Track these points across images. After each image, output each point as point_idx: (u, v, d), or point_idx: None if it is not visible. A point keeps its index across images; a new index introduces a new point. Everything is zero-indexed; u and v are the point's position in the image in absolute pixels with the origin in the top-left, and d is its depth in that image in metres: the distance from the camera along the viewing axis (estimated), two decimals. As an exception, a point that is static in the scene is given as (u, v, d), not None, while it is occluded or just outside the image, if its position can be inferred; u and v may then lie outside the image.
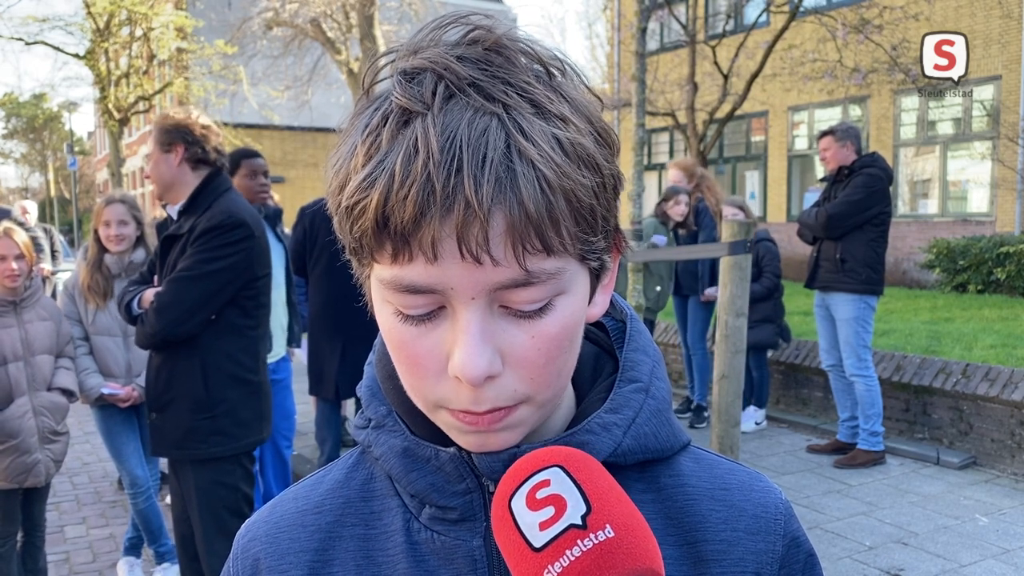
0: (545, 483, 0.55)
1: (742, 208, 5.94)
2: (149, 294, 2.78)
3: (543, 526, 0.53)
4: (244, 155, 4.22)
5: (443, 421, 0.60)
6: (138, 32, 17.34)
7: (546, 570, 0.52)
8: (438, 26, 0.58)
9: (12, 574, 3.33)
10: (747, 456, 5.40)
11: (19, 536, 3.45)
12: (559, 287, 0.56)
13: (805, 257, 5.64)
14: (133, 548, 3.96)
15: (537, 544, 0.52)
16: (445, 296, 0.55)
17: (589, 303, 0.62)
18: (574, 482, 0.54)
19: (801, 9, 11.11)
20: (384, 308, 0.59)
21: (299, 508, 0.70)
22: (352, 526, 0.68)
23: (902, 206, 12.85)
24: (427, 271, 0.54)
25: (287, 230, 4.96)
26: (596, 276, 0.62)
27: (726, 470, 0.70)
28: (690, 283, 6.28)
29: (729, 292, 3.74)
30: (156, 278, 2.89)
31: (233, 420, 2.75)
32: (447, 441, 0.63)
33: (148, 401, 2.84)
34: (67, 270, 8.28)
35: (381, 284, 0.57)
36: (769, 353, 6.59)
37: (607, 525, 0.52)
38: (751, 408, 6.08)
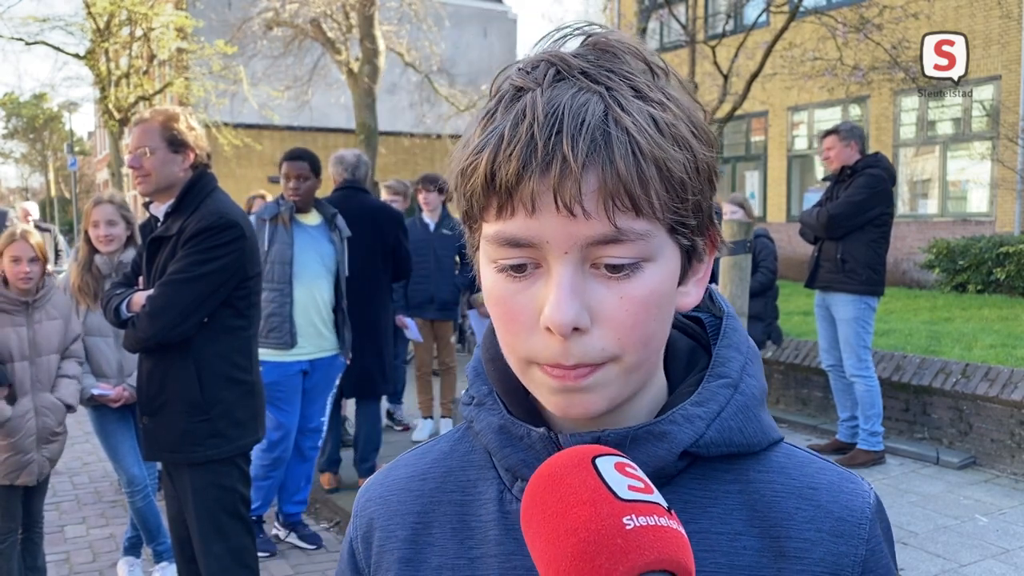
0: (632, 466, 0.57)
1: (742, 205, 5.92)
2: (139, 297, 2.73)
3: (631, 489, 0.54)
4: (285, 157, 4.29)
5: (534, 379, 0.64)
6: (138, 32, 17.34)
7: (627, 517, 0.52)
8: (557, 39, 0.65)
9: (13, 571, 3.33)
10: (747, 456, 5.41)
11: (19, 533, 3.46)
12: (647, 250, 0.60)
13: (805, 257, 5.64)
14: (133, 548, 3.96)
15: (623, 496, 0.53)
16: (541, 251, 0.60)
17: (681, 285, 0.66)
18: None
19: (801, 9, 11.10)
20: (488, 268, 0.64)
21: (408, 474, 0.77)
22: (451, 492, 0.74)
23: (902, 206, 12.84)
24: (526, 224, 0.59)
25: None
26: (688, 257, 0.65)
27: (817, 468, 0.70)
28: None
29: (729, 292, 3.74)
30: (142, 280, 2.87)
31: (229, 421, 2.73)
32: (539, 422, 0.69)
33: (140, 405, 2.80)
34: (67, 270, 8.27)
35: (487, 241, 0.62)
36: (769, 353, 6.59)
37: (681, 524, 0.55)
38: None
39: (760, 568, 0.65)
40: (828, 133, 5.29)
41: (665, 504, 0.54)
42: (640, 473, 0.56)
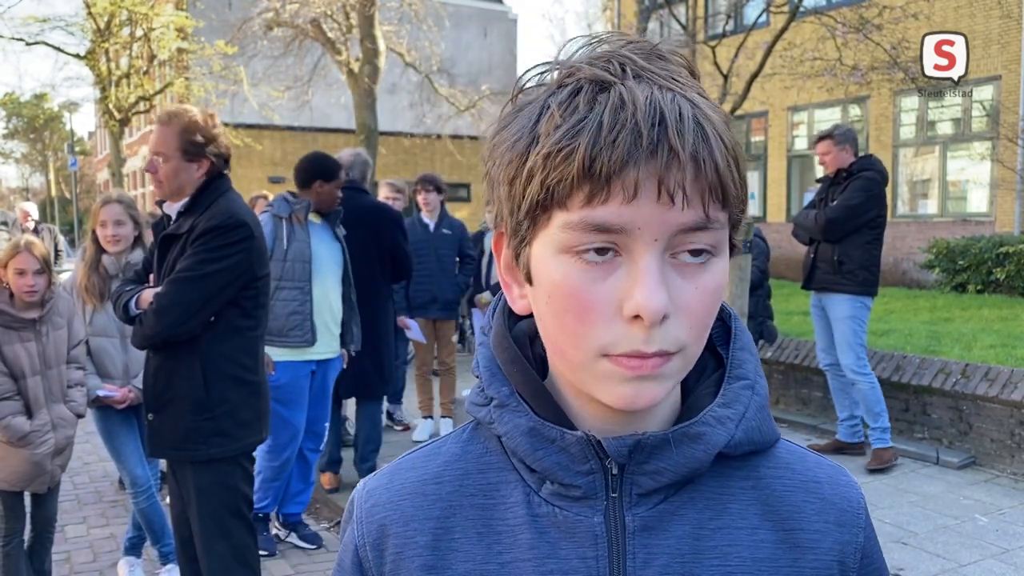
0: None
1: None
2: (148, 294, 2.75)
3: None
4: (340, 167, 4.31)
5: (601, 371, 0.63)
6: (139, 32, 17.33)
7: None
8: (589, 42, 0.65)
9: (21, 572, 3.32)
10: (747, 456, 5.40)
11: (29, 534, 3.45)
12: (721, 241, 0.63)
13: (803, 257, 5.64)
14: (133, 548, 3.96)
15: None
16: (629, 237, 0.60)
17: None
18: None
19: (801, 9, 11.10)
20: (558, 259, 0.62)
21: (419, 478, 0.74)
22: (471, 496, 0.71)
23: (902, 206, 12.84)
24: (621, 211, 0.59)
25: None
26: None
27: (814, 463, 0.75)
28: None
29: (729, 292, 3.74)
30: (152, 277, 2.88)
31: (234, 421, 2.74)
32: (567, 424, 0.68)
33: (146, 402, 2.81)
34: (68, 270, 8.27)
35: (566, 228, 0.61)
36: (768, 353, 6.59)
37: None
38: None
39: (778, 559, 0.69)
40: (822, 137, 5.29)
41: None
42: None
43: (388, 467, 0.77)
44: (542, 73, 0.64)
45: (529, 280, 0.67)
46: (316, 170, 4.19)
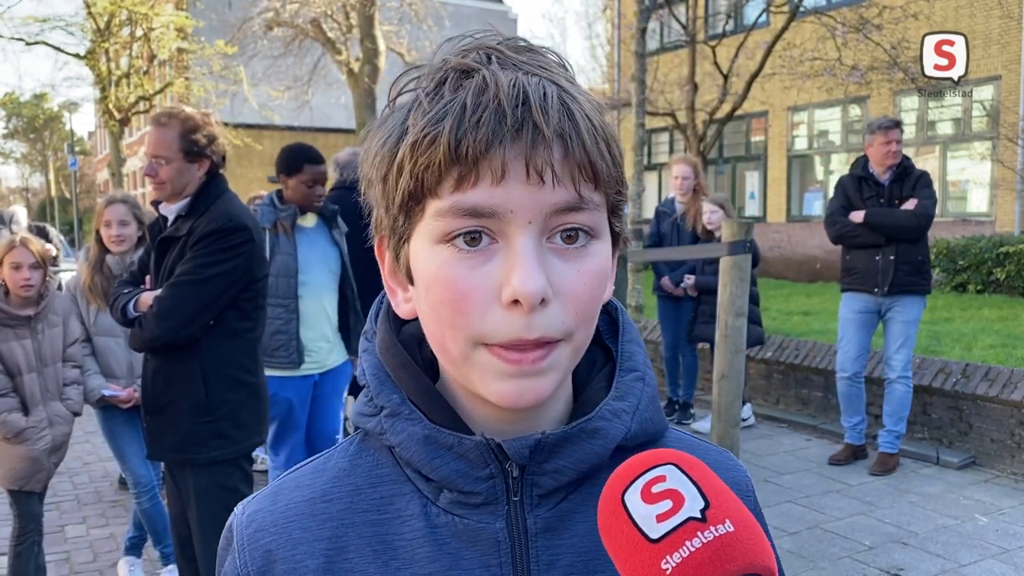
0: (661, 479, 0.55)
1: (722, 206, 5.90)
2: (147, 297, 2.73)
3: (660, 518, 0.53)
4: (309, 159, 3.86)
5: (481, 364, 0.62)
6: (138, 32, 17.34)
7: (664, 560, 0.51)
8: (461, 39, 0.65)
9: (30, 572, 3.33)
10: (747, 456, 5.40)
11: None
12: (599, 223, 0.63)
13: (805, 257, 5.62)
14: (134, 548, 3.96)
15: (654, 535, 0.53)
16: (502, 221, 0.59)
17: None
18: (690, 479, 0.55)
19: (801, 9, 11.11)
20: (434, 250, 0.62)
21: (306, 497, 0.70)
22: (364, 512, 0.68)
23: (902, 206, 12.82)
24: (491, 193, 0.59)
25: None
26: (613, 247, 0.67)
27: (703, 450, 0.76)
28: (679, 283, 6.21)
29: (729, 292, 3.74)
30: (149, 279, 2.87)
31: (233, 423, 2.74)
32: (465, 429, 0.66)
33: (144, 404, 2.81)
34: (66, 270, 8.26)
35: (437, 217, 0.60)
36: (769, 353, 6.58)
37: (726, 519, 0.53)
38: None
39: None
40: (895, 124, 5.09)
41: (698, 511, 0.53)
42: (666, 485, 0.54)
43: (270, 488, 0.72)
44: (417, 77, 0.63)
45: (410, 279, 0.66)
46: (279, 165, 3.91)
